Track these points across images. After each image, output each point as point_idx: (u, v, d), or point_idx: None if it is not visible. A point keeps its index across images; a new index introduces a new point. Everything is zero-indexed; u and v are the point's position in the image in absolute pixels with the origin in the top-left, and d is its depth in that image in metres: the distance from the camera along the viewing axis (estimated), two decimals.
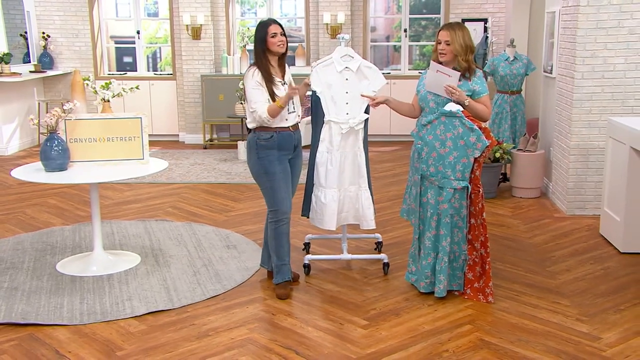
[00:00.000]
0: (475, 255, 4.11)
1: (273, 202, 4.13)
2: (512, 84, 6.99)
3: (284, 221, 4.14)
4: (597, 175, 5.75)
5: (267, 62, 4.08)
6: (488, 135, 3.99)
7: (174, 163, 8.44)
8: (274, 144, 4.08)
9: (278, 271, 4.19)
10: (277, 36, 4.05)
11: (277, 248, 4.17)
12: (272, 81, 4.07)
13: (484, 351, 3.43)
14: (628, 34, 5.59)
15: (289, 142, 4.14)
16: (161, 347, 3.51)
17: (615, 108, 5.71)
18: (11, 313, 3.91)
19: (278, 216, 4.13)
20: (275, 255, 4.18)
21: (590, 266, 4.67)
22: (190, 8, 9.68)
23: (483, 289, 4.08)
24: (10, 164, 8.03)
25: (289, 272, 4.22)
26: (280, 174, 4.10)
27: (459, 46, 4.01)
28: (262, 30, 4.06)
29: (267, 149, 4.08)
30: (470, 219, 4.08)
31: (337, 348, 3.49)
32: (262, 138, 4.09)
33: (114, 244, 5.20)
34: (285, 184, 4.12)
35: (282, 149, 4.11)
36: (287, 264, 4.20)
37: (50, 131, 4.48)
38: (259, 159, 4.10)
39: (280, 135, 4.10)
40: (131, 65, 10.94)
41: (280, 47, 4.08)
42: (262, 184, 4.17)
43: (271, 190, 4.12)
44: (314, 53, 9.95)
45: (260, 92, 4.04)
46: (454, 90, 3.94)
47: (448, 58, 4.05)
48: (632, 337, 3.58)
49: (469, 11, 9.71)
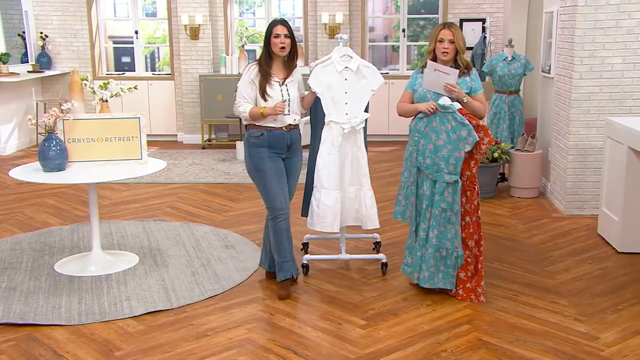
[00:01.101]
0: (468, 254, 4.11)
1: (267, 199, 4.15)
2: (510, 84, 6.99)
3: (281, 217, 4.13)
4: (595, 175, 5.76)
5: (267, 61, 4.11)
6: (486, 132, 4.01)
7: (172, 163, 8.43)
8: (264, 142, 4.10)
9: (280, 268, 4.18)
10: (279, 37, 4.05)
11: (278, 245, 4.16)
12: (268, 80, 4.07)
13: (482, 351, 3.44)
14: (626, 34, 5.60)
15: (280, 141, 4.13)
16: (159, 347, 3.51)
17: (613, 108, 5.72)
18: (9, 313, 3.91)
19: (274, 212, 4.13)
20: (277, 252, 4.17)
21: (589, 266, 4.68)
22: (188, 8, 9.68)
23: (475, 289, 4.08)
24: (9, 164, 8.03)
25: (291, 269, 4.19)
26: (271, 171, 4.10)
27: (463, 43, 4.11)
28: (269, 28, 4.11)
29: (258, 146, 4.11)
30: (465, 216, 4.08)
31: (336, 348, 3.49)
32: (253, 135, 4.13)
33: (112, 244, 5.20)
34: (277, 181, 4.12)
35: (273, 147, 4.12)
36: (288, 260, 4.17)
37: (48, 131, 4.48)
38: (250, 156, 4.15)
39: (271, 133, 4.11)
40: (129, 65, 10.94)
41: (280, 50, 4.06)
42: (255, 181, 4.20)
43: (264, 187, 4.14)
44: (312, 53, 9.95)
45: (250, 89, 4.09)
46: (453, 88, 3.99)
47: (451, 56, 4.11)
48: (630, 337, 3.58)
49: (467, 11, 9.72)
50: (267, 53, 4.12)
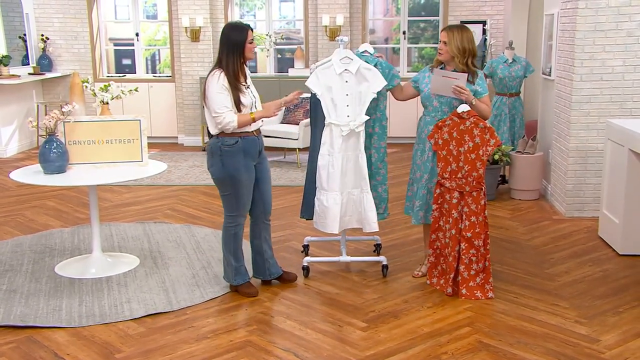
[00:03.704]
0: (472, 253, 4.12)
1: (235, 208, 4.12)
2: (510, 86, 7.00)
3: (242, 224, 4.19)
4: (596, 178, 5.76)
5: (238, 67, 4.00)
6: (492, 134, 4.11)
7: (173, 165, 8.44)
8: (239, 149, 4.01)
9: (237, 272, 4.23)
10: (253, 42, 4.06)
11: (236, 250, 4.20)
12: (238, 87, 3.99)
13: (483, 353, 3.43)
14: (626, 36, 5.60)
15: (253, 147, 4.09)
16: (160, 350, 3.51)
17: (614, 110, 5.71)
18: (10, 315, 3.91)
19: (238, 221, 4.15)
20: (233, 257, 4.20)
21: (589, 268, 4.67)
22: (189, 10, 9.69)
23: (482, 286, 4.12)
24: (9, 166, 8.03)
25: (247, 272, 4.30)
26: (246, 182, 4.07)
27: (455, 48, 4.16)
28: (241, 34, 3.99)
29: (232, 155, 4.00)
30: (471, 216, 4.11)
31: (336, 350, 3.49)
32: (226, 144, 3.99)
33: (113, 246, 5.20)
34: (247, 192, 4.12)
35: (248, 154, 4.05)
36: (244, 265, 4.26)
37: (49, 133, 4.48)
38: (223, 166, 4.01)
39: (245, 140, 4.03)
40: (130, 68, 10.95)
41: (254, 53, 4.13)
42: (224, 190, 4.10)
43: (234, 197, 4.08)
44: (312, 55, 9.95)
45: (225, 97, 3.93)
46: (463, 91, 4.08)
47: (445, 58, 4.22)
48: (631, 339, 3.58)
49: (467, 13, 9.72)
50: (237, 59, 3.99)
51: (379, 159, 4.56)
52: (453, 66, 4.20)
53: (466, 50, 4.14)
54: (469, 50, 4.15)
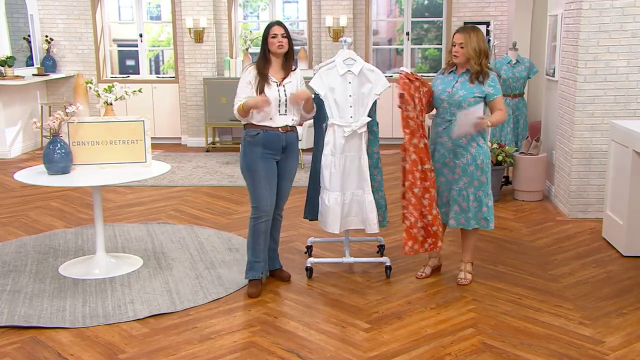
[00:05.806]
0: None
1: (254, 199, 4.20)
2: (514, 87, 6.99)
3: (263, 219, 4.19)
4: (600, 179, 5.74)
5: (265, 62, 4.17)
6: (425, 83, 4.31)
7: (177, 166, 8.45)
8: (258, 141, 4.14)
9: (251, 268, 4.25)
10: (277, 37, 4.12)
11: (254, 245, 4.22)
12: (266, 80, 4.13)
13: (486, 354, 3.43)
14: (631, 37, 5.59)
15: (275, 142, 4.16)
16: (163, 350, 3.51)
17: (618, 111, 5.70)
18: (14, 316, 3.91)
19: (258, 213, 4.19)
20: (251, 252, 4.24)
21: (593, 269, 4.67)
22: (192, 11, 9.70)
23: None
24: (13, 167, 8.05)
25: (261, 269, 4.27)
26: (262, 172, 4.15)
27: (472, 50, 4.16)
28: (266, 30, 4.18)
29: (253, 145, 4.16)
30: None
31: (340, 351, 3.49)
32: (249, 134, 4.19)
33: (117, 246, 5.21)
34: (267, 183, 4.16)
35: (267, 147, 4.15)
36: (261, 261, 4.25)
37: (53, 134, 4.49)
38: (244, 154, 4.20)
39: (267, 134, 4.15)
40: (134, 69, 10.97)
41: (278, 47, 4.13)
42: (246, 180, 4.24)
43: (252, 186, 4.19)
44: (316, 56, 9.95)
45: (246, 90, 4.16)
46: (482, 122, 4.14)
47: (460, 60, 4.22)
48: (635, 341, 3.57)
49: (471, 14, 9.71)
50: (264, 54, 4.18)
51: (373, 165, 4.51)
52: (467, 67, 4.20)
53: (481, 51, 4.16)
54: (483, 51, 4.18)
